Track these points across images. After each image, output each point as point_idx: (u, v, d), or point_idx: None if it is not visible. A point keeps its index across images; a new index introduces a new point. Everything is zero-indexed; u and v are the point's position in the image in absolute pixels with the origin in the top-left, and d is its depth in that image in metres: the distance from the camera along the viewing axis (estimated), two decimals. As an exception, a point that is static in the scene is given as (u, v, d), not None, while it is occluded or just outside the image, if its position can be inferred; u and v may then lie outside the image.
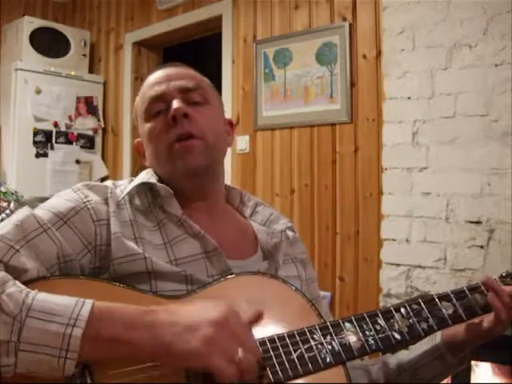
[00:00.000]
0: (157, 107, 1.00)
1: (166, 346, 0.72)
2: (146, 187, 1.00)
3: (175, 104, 0.98)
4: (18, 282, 0.74)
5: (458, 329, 0.99)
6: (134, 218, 0.94)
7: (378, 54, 2.69)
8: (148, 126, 1.01)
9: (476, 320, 0.96)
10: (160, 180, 1.02)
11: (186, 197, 1.00)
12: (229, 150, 1.14)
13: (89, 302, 0.72)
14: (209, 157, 0.99)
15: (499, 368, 2.10)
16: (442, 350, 1.01)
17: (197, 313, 0.75)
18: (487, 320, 0.96)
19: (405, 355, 1.05)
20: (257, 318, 0.81)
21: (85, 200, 0.92)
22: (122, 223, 0.92)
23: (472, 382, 2.05)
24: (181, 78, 1.02)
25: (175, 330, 0.72)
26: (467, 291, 0.96)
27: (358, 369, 1.06)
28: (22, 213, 0.87)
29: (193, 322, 0.73)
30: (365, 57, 2.76)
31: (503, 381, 2.08)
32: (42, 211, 0.89)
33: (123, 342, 0.71)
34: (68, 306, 0.71)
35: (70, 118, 3.91)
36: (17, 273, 0.77)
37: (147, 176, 1.02)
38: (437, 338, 1.01)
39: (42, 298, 0.72)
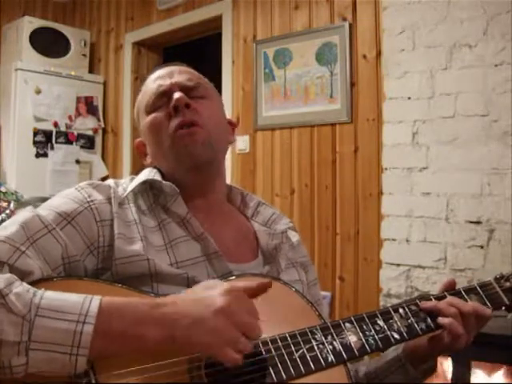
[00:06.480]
0: (159, 102, 1.01)
1: (176, 339, 0.73)
2: (147, 186, 0.99)
3: (176, 95, 0.98)
4: (24, 283, 0.73)
5: (419, 342, 0.97)
6: (138, 217, 0.94)
7: (378, 54, 2.70)
8: (149, 118, 1.01)
9: (437, 333, 0.94)
10: (163, 177, 1.00)
11: (187, 194, 0.99)
12: (229, 150, 1.14)
13: (96, 298, 0.72)
14: (211, 148, 0.99)
15: (499, 368, 2.10)
16: (403, 361, 1.00)
17: (203, 303, 0.75)
18: (447, 334, 0.93)
19: (372, 364, 1.05)
20: (260, 288, 0.80)
21: (88, 200, 0.91)
22: (126, 223, 0.92)
23: (472, 382, 2.05)
24: (183, 75, 1.03)
25: (184, 322, 0.73)
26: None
27: None
28: (26, 213, 0.86)
29: (200, 314, 0.74)
30: (365, 57, 2.76)
31: (503, 381, 2.09)
32: (46, 211, 0.88)
33: (133, 337, 0.72)
34: (76, 302, 0.71)
35: (70, 118, 3.91)
36: (22, 275, 0.76)
37: (151, 174, 1.00)
38: (400, 348, 1.01)
39: (50, 296, 0.72)
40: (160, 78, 1.03)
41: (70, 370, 0.69)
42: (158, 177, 0.99)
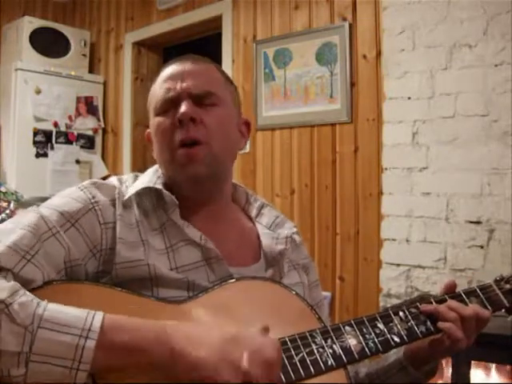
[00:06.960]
0: (166, 106, 0.97)
1: (179, 358, 0.72)
2: (151, 189, 0.98)
3: (183, 107, 0.94)
4: (27, 292, 0.73)
5: (420, 344, 0.97)
6: (141, 219, 0.93)
7: (378, 54, 2.69)
8: (156, 120, 0.99)
9: (438, 337, 0.94)
10: (165, 183, 0.99)
11: (188, 200, 0.98)
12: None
13: (99, 314, 0.72)
14: (212, 164, 0.96)
15: (499, 368, 2.10)
16: (404, 363, 1.00)
17: (209, 328, 0.75)
18: (446, 338, 0.93)
19: (373, 365, 1.05)
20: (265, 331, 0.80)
21: (92, 200, 0.90)
22: (128, 226, 0.91)
23: (472, 382, 2.05)
24: (194, 79, 0.98)
25: (188, 342, 0.73)
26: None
27: None
28: (30, 215, 0.85)
29: (206, 336, 0.74)
30: (365, 57, 2.75)
31: (503, 381, 2.09)
32: (50, 211, 0.86)
33: (136, 353, 0.71)
34: (80, 317, 0.71)
35: (70, 118, 3.91)
36: (25, 282, 0.76)
37: (154, 178, 0.99)
38: (401, 350, 1.01)
39: (53, 308, 0.71)
40: (171, 78, 0.98)
41: (69, 382, 0.68)
42: (159, 184, 0.98)
